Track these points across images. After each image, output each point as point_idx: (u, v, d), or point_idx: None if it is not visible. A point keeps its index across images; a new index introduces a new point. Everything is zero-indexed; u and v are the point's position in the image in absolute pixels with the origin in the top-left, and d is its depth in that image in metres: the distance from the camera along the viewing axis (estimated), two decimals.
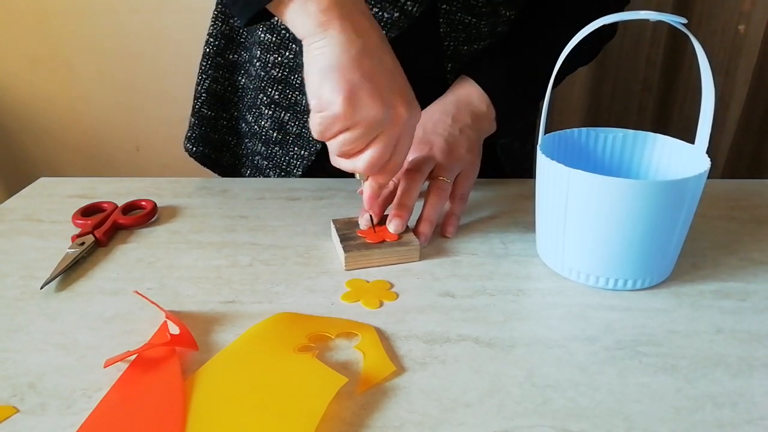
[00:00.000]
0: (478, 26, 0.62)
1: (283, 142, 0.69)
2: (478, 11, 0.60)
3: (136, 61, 1.31)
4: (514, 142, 0.75)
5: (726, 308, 0.44)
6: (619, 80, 1.25)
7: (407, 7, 0.58)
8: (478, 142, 0.60)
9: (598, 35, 0.65)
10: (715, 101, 0.46)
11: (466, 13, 0.60)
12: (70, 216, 0.57)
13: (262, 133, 0.70)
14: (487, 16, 0.61)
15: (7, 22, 1.29)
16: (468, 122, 0.59)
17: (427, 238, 0.52)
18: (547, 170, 0.46)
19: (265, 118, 0.69)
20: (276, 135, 0.69)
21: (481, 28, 0.62)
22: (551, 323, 0.42)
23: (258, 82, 0.68)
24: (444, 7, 0.59)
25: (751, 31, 1.14)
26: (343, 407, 0.35)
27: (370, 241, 0.50)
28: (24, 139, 1.43)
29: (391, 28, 0.59)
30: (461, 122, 0.58)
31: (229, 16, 0.70)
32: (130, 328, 0.42)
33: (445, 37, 0.61)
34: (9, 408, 0.34)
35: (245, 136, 0.73)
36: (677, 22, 0.42)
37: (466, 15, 0.60)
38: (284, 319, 0.42)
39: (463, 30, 0.61)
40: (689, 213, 0.45)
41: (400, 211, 0.51)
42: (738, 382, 0.37)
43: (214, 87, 0.72)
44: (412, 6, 0.58)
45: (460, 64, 0.64)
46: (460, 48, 0.63)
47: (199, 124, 0.74)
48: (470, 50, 0.63)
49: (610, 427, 0.33)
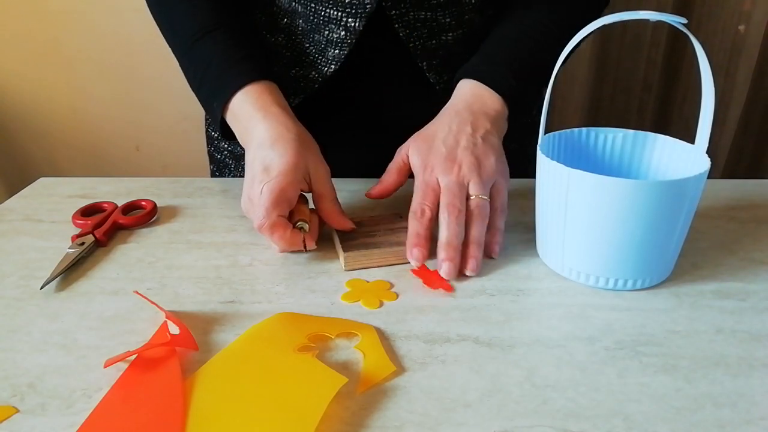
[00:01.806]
0: (437, 19, 0.61)
1: None
2: (428, 4, 0.60)
3: (137, 61, 1.31)
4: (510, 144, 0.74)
5: (726, 308, 0.44)
6: (619, 80, 1.25)
7: (350, 24, 0.59)
8: (500, 146, 0.56)
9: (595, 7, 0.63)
10: (715, 101, 0.46)
11: (418, 10, 0.60)
12: (70, 216, 0.57)
13: None
14: (444, 6, 0.60)
15: (7, 22, 1.29)
16: (488, 127, 0.55)
17: (479, 262, 0.48)
18: (547, 170, 0.46)
19: None
20: None
21: (441, 20, 0.61)
22: (551, 323, 0.42)
23: None
24: (393, 12, 0.59)
25: (751, 31, 1.14)
26: (343, 407, 0.35)
27: (428, 285, 0.47)
28: (24, 139, 1.43)
29: (342, 46, 0.61)
30: (482, 128, 0.54)
31: None
32: (130, 328, 0.42)
33: (408, 39, 0.61)
34: (9, 408, 0.34)
35: (242, 159, 0.75)
36: (677, 22, 0.42)
37: (419, 12, 0.60)
38: (284, 319, 0.42)
39: (423, 26, 0.61)
40: (689, 213, 0.45)
41: (450, 252, 0.47)
42: (738, 382, 0.37)
43: None
44: (353, 22, 0.59)
45: (436, 59, 0.63)
46: (427, 44, 0.62)
47: (207, 143, 0.78)
48: (440, 43, 0.63)
49: (610, 427, 0.33)
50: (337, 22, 0.59)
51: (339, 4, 0.58)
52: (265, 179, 0.48)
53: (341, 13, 0.58)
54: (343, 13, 0.58)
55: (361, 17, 0.58)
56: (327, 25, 0.60)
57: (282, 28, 0.65)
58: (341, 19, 0.59)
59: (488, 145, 0.54)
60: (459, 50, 0.64)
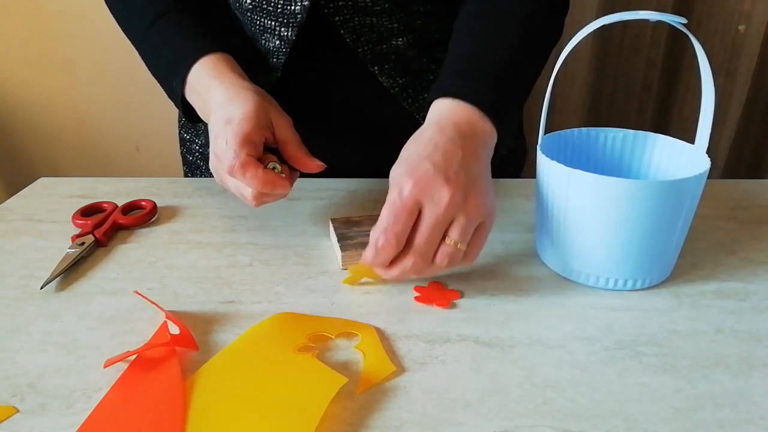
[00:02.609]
0: (383, 24, 0.60)
1: None
2: (371, 10, 0.59)
3: (137, 61, 1.31)
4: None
5: (726, 308, 0.44)
6: (619, 80, 1.25)
7: (283, 33, 0.59)
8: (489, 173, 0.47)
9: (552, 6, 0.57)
10: (715, 101, 0.46)
11: (363, 16, 0.59)
12: (70, 216, 0.57)
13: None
14: (388, 13, 0.59)
15: (7, 22, 1.29)
16: (478, 151, 0.46)
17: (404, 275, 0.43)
18: (547, 170, 0.46)
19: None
20: None
21: (388, 26, 0.60)
22: (551, 323, 0.42)
23: None
24: (337, 19, 0.58)
25: (751, 31, 1.14)
26: (343, 407, 0.35)
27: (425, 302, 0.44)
28: (24, 139, 1.43)
29: (278, 55, 0.61)
30: (473, 154, 0.45)
31: None
32: (130, 328, 0.42)
33: (356, 44, 0.60)
34: (9, 408, 0.34)
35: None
36: (677, 22, 0.42)
37: (364, 17, 0.59)
38: (284, 319, 0.42)
39: (370, 31, 0.60)
40: (689, 213, 0.45)
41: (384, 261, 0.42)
42: (738, 382, 0.37)
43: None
44: (286, 31, 0.59)
45: (389, 63, 0.62)
46: (376, 48, 0.61)
47: (180, 144, 0.78)
48: (390, 48, 0.62)
49: (610, 427, 0.33)
50: (272, 31, 0.60)
51: (272, 14, 0.58)
52: (229, 130, 0.47)
53: (274, 22, 0.59)
54: (276, 22, 0.59)
55: (293, 26, 0.58)
56: (263, 34, 0.61)
57: (237, 31, 0.66)
58: (275, 28, 0.59)
59: (480, 176, 0.45)
60: (412, 54, 0.63)
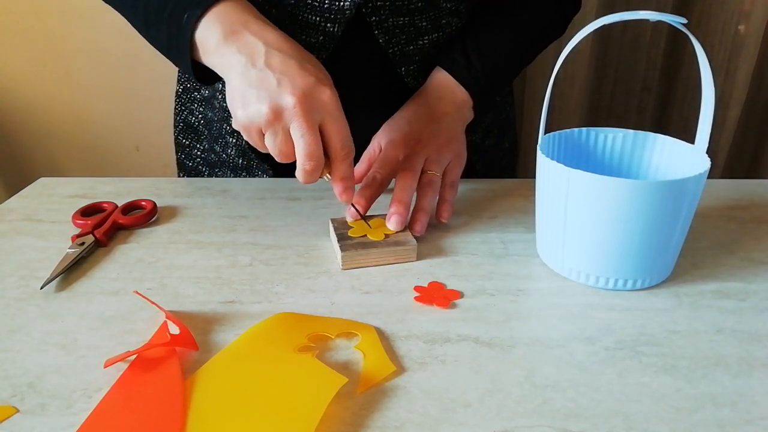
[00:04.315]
0: (415, 24, 0.62)
1: (248, 168, 0.71)
2: (407, 9, 0.61)
3: (137, 61, 1.31)
4: (485, 140, 0.75)
5: (726, 308, 0.44)
6: (619, 80, 1.25)
7: (328, 28, 0.60)
8: (462, 130, 0.62)
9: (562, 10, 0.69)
10: (715, 101, 0.46)
11: (397, 17, 0.61)
12: (70, 216, 0.57)
13: (229, 160, 0.72)
14: (421, 11, 0.61)
15: (7, 23, 1.28)
16: (451, 112, 0.61)
17: (423, 225, 0.54)
18: (547, 170, 0.46)
19: (231, 146, 0.71)
20: (241, 161, 0.71)
21: (418, 24, 0.62)
22: (551, 323, 0.42)
23: (221, 113, 0.70)
24: (373, 19, 0.60)
25: (751, 31, 1.14)
26: (343, 407, 0.35)
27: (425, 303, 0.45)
28: (24, 139, 1.43)
29: (320, 51, 0.61)
30: (444, 113, 0.60)
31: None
32: (130, 328, 0.42)
33: (387, 44, 0.62)
34: (9, 408, 0.34)
35: (215, 166, 0.75)
36: (677, 22, 0.42)
37: (398, 18, 0.61)
38: (284, 319, 0.42)
39: (401, 32, 0.62)
40: (689, 213, 0.45)
41: (399, 207, 0.52)
42: (738, 382, 0.37)
43: (191, 119, 0.75)
44: (332, 27, 0.59)
45: (414, 65, 0.64)
46: (405, 49, 0.63)
47: (176, 150, 0.78)
48: (417, 48, 0.64)
49: (610, 427, 0.33)
50: (315, 26, 0.60)
51: (317, 10, 0.59)
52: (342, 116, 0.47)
53: (319, 18, 0.59)
54: (321, 18, 0.59)
55: (341, 22, 0.59)
56: (305, 30, 0.60)
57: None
58: (319, 24, 0.60)
59: (449, 129, 0.60)
60: (433, 53, 0.65)
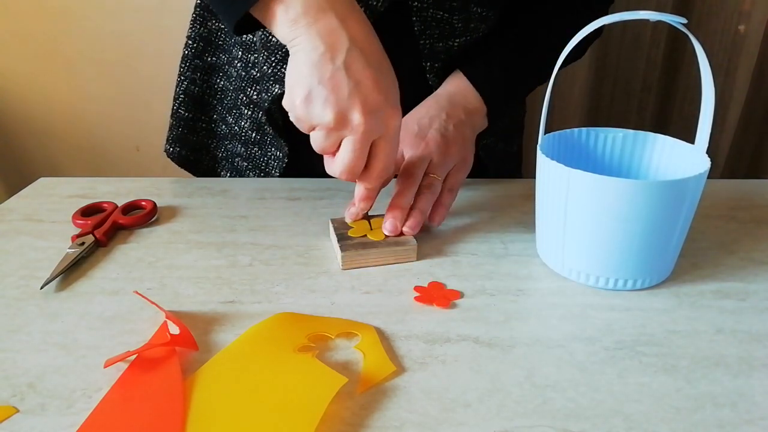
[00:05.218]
0: (451, 22, 0.62)
1: (261, 143, 0.69)
2: (449, 5, 0.61)
3: (136, 61, 1.31)
4: (498, 143, 0.75)
5: (726, 308, 0.44)
6: (619, 80, 1.25)
7: (371, 2, 0.58)
8: (471, 137, 0.61)
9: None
10: (715, 101, 0.46)
11: (437, 9, 0.61)
12: (70, 216, 0.57)
13: (242, 134, 0.70)
14: (458, 11, 0.62)
15: (7, 22, 1.28)
16: (462, 117, 0.60)
17: (417, 225, 0.52)
18: (547, 170, 0.46)
19: (245, 119, 0.69)
20: (255, 135, 0.69)
21: (454, 24, 0.62)
22: (551, 323, 0.42)
23: (239, 82, 0.68)
24: (416, 4, 0.60)
25: (751, 31, 1.14)
26: (343, 407, 0.35)
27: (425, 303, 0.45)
28: (24, 139, 1.43)
29: None
30: (455, 118, 0.59)
31: (207, 19, 0.71)
32: (130, 328, 0.42)
33: (420, 35, 0.62)
34: (9, 408, 0.34)
35: (225, 138, 0.73)
36: (677, 22, 0.42)
37: (438, 10, 0.61)
38: (284, 319, 0.42)
39: (437, 26, 0.62)
40: (689, 213, 0.45)
41: (395, 212, 0.52)
42: (738, 382, 0.37)
43: (192, 89, 0.73)
44: (376, 2, 0.58)
45: (439, 62, 0.64)
46: (435, 45, 0.63)
47: (176, 126, 0.75)
48: (445, 47, 0.64)
49: (610, 427, 0.33)
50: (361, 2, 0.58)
51: None
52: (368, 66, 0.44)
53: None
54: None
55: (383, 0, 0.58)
56: None
57: None
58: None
59: (458, 133, 0.59)
60: (459, 57, 0.65)
